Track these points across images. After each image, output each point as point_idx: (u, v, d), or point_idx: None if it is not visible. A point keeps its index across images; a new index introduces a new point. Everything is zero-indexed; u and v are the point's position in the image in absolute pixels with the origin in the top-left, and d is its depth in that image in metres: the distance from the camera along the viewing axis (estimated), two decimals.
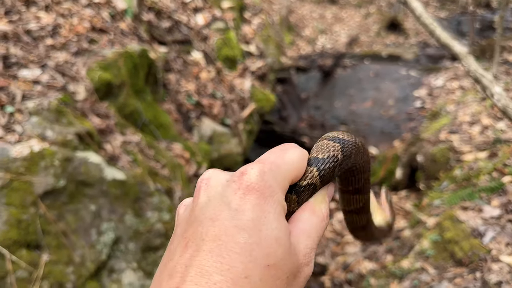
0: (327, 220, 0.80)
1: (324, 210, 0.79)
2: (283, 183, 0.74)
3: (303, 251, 0.71)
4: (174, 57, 6.15)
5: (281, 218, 0.68)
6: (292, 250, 0.68)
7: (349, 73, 11.74)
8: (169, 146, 4.85)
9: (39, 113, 3.40)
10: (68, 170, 3.22)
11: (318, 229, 0.76)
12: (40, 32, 4.38)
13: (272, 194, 0.69)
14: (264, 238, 0.64)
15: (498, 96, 2.24)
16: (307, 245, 0.73)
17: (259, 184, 0.68)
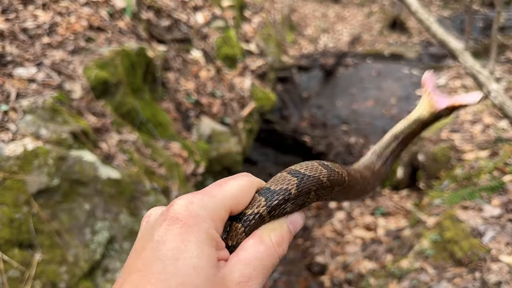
0: (279, 248, 0.79)
1: (274, 238, 0.80)
2: (215, 212, 0.75)
3: (237, 279, 0.71)
4: (174, 55, 6.13)
5: (204, 246, 0.69)
6: (218, 279, 0.68)
7: (351, 72, 11.68)
8: (167, 145, 4.83)
9: (33, 112, 3.38)
10: (62, 169, 3.19)
11: (263, 257, 0.76)
12: (37, 30, 4.36)
13: (197, 223, 0.70)
14: (181, 267, 0.64)
15: (495, 93, 2.20)
16: (244, 273, 0.72)
17: (183, 214, 0.69)
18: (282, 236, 0.82)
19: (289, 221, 0.86)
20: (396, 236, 5.59)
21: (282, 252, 0.81)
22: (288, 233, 0.85)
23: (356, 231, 6.15)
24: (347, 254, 5.71)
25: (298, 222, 0.88)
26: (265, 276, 0.77)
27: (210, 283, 0.67)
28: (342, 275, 5.37)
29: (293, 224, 0.87)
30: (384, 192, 7.20)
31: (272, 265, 0.79)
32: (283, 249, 0.82)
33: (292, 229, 0.86)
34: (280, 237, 0.82)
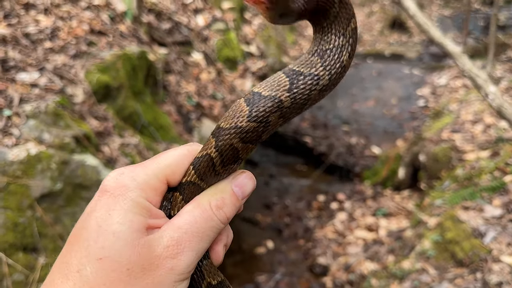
0: (218, 211, 0.81)
1: (213, 201, 0.82)
2: (146, 181, 0.78)
3: (166, 243, 0.73)
4: (174, 58, 6.16)
5: (128, 214, 0.73)
6: (142, 243, 0.71)
7: (351, 72, 11.69)
8: (168, 147, 4.85)
9: (36, 116, 3.41)
10: (65, 173, 3.22)
11: (198, 220, 0.78)
12: (39, 35, 4.40)
13: (123, 192, 0.74)
14: (102, 233, 0.69)
15: (493, 96, 2.22)
16: (173, 237, 0.75)
17: (111, 185, 0.74)
18: (223, 199, 0.83)
19: (234, 184, 0.87)
20: (397, 237, 5.61)
21: (223, 215, 0.82)
22: (231, 196, 0.85)
23: (358, 232, 6.17)
24: (349, 255, 5.73)
25: (245, 184, 0.87)
26: (202, 239, 0.78)
27: (131, 247, 0.70)
28: (344, 276, 5.39)
29: (239, 187, 0.87)
30: (385, 192, 7.22)
31: (210, 228, 0.80)
32: (225, 212, 0.82)
33: (239, 191, 0.86)
34: (220, 200, 0.83)
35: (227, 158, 0.85)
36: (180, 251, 0.75)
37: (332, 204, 7.13)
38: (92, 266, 0.67)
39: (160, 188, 0.82)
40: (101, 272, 0.68)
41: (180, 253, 0.75)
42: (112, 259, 0.69)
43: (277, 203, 7.32)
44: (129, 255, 0.70)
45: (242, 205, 0.90)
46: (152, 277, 0.72)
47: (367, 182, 7.74)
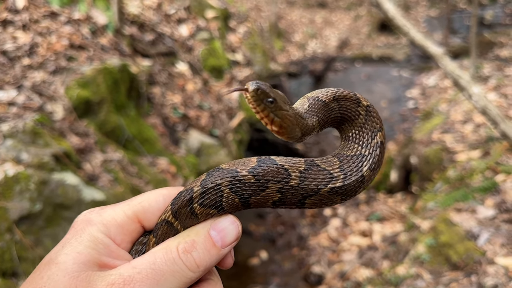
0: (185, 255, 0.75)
1: (182, 245, 0.77)
2: (112, 217, 0.79)
3: (111, 280, 0.71)
4: (159, 69, 6.08)
5: (79, 246, 0.74)
6: (82, 276, 0.70)
7: (340, 76, 11.69)
8: (154, 161, 4.76)
9: (14, 136, 3.32)
10: (44, 193, 3.12)
11: (158, 262, 0.74)
12: (17, 52, 4.31)
13: (84, 227, 0.77)
14: (47, 264, 0.72)
15: (477, 97, 2.16)
16: (122, 275, 0.72)
17: (78, 221, 0.78)
18: (193, 242, 0.77)
19: (212, 227, 0.80)
20: (392, 242, 5.53)
21: (191, 260, 0.76)
22: (205, 241, 0.78)
23: (352, 238, 6.08)
24: (343, 262, 5.65)
25: (225, 228, 0.80)
26: (158, 283, 0.72)
27: (69, 278, 0.70)
28: (339, 284, 5.30)
29: (218, 232, 0.80)
30: (378, 196, 7.15)
31: (171, 272, 0.74)
32: (194, 257, 0.76)
33: (216, 236, 0.79)
34: (189, 244, 0.77)
35: (208, 201, 0.81)
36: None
37: (326, 210, 7.05)
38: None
39: (128, 226, 0.80)
40: None
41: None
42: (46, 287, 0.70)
43: (270, 212, 7.24)
44: (65, 286, 0.69)
45: (231, 259, 0.83)
46: None
47: None
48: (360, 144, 0.92)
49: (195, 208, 0.81)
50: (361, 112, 0.93)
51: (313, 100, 0.94)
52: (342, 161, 0.89)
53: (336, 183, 0.85)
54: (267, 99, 0.84)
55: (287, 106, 0.88)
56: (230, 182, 0.82)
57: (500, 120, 2.93)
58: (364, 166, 0.88)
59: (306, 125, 0.90)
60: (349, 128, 0.94)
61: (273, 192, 0.83)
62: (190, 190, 0.81)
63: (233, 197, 0.82)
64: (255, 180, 0.82)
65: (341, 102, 0.94)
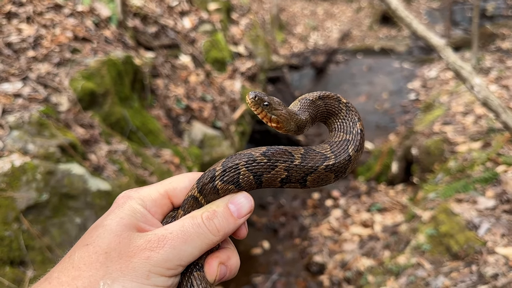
0: (208, 221, 0.92)
1: (205, 214, 0.93)
2: (147, 193, 0.96)
3: (148, 237, 0.87)
4: (162, 62, 6.11)
5: (121, 213, 0.90)
6: (124, 234, 0.87)
7: (342, 68, 11.69)
8: (158, 152, 4.80)
9: (20, 127, 3.36)
10: (50, 183, 3.17)
11: (186, 226, 0.91)
12: (21, 44, 4.34)
13: (125, 201, 0.93)
14: (94, 227, 0.88)
15: (478, 88, 2.19)
16: (157, 234, 0.88)
17: (120, 197, 0.95)
18: (214, 211, 0.94)
19: (230, 201, 0.98)
20: (393, 232, 5.58)
21: (213, 226, 0.92)
22: (224, 211, 0.95)
23: (353, 229, 6.14)
24: (345, 252, 5.70)
25: (241, 202, 0.98)
26: (185, 241, 0.89)
27: (114, 236, 0.85)
28: (340, 274, 5.36)
29: (235, 204, 0.97)
30: (379, 187, 7.20)
31: (196, 234, 0.90)
32: (215, 223, 0.93)
33: (233, 208, 0.97)
34: (211, 213, 0.94)
35: (228, 177, 0.99)
36: (160, 246, 0.86)
37: (327, 201, 7.10)
38: (79, 251, 0.85)
39: (160, 200, 0.97)
40: (84, 255, 0.84)
41: (159, 247, 0.86)
42: (95, 245, 0.84)
43: (272, 202, 7.29)
44: (110, 242, 0.85)
45: (245, 230, 1.01)
46: (127, 262, 0.84)
47: (361, 178, 7.73)
48: (344, 132, 1.12)
49: (217, 184, 0.98)
50: (342, 107, 1.15)
51: (303, 100, 1.16)
52: (332, 146, 1.09)
53: (330, 161, 1.05)
54: (263, 103, 1.07)
55: (282, 107, 1.09)
56: (246, 162, 1.00)
57: (501, 110, 2.96)
58: (349, 148, 1.09)
59: (299, 119, 1.11)
60: (335, 121, 1.16)
61: (281, 171, 1.02)
62: (213, 170, 0.99)
63: (248, 175, 1.00)
64: (266, 160, 1.00)
65: (325, 100, 1.16)
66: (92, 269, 0.83)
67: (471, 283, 3.65)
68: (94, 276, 0.82)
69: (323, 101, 1.16)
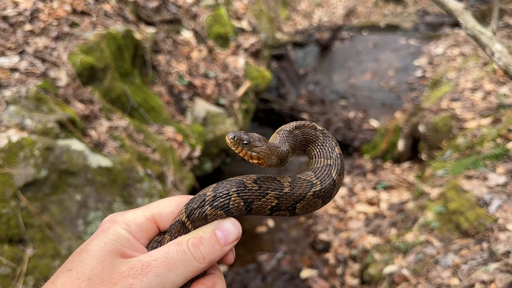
0: (194, 248, 0.90)
1: (191, 240, 0.92)
2: (132, 218, 0.96)
3: (132, 264, 0.86)
4: (163, 37, 5.95)
5: (105, 239, 0.90)
6: (108, 260, 0.85)
7: (347, 45, 11.46)
8: (160, 129, 4.69)
9: (16, 102, 3.25)
10: (49, 159, 3.07)
11: (171, 252, 0.89)
12: (18, 18, 4.19)
13: (110, 225, 0.94)
14: (78, 253, 0.87)
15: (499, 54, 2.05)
16: (141, 260, 0.87)
17: (105, 221, 0.95)
18: (201, 238, 0.93)
19: (217, 227, 0.96)
20: (399, 210, 5.50)
21: (198, 253, 0.91)
22: (211, 237, 0.94)
23: (359, 207, 6.05)
24: (350, 230, 5.63)
25: (228, 229, 0.96)
26: (170, 269, 0.86)
27: (97, 262, 0.84)
28: (346, 252, 5.29)
29: (222, 231, 0.95)
30: (385, 165, 7.08)
31: (181, 262, 0.88)
32: (201, 251, 0.91)
33: (220, 235, 0.94)
34: (198, 240, 0.92)
35: (218, 203, 0.99)
36: (143, 273, 0.84)
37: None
38: (62, 276, 0.84)
39: (145, 224, 0.97)
40: (66, 280, 0.83)
41: (142, 274, 0.84)
42: (78, 270, 0.84)
43: None
44: (92, 268, 0.84)
45: (232, 256, 0.99)
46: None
47: (367, 155, 7.61)
48: (324, 157, 1.16)
49: (206, 210, 0.98)
50: (319, 134, 1.19)
51: (281, 132, 1.19)
52: (315, 172, 1.12)
53: (316, 187, 1.08)
54: (242, 142, 1.10)
55: (262, 143, 1.12)
56: (238, 188, 1.01)
57: None
58: (332, 172, 1.12)
59: (280, 152, 1.14)
60: (313, 148, 1.19)
61: (272, 198, 1.04)
62: (203, 195, 0.99)
63: (239, 201, 1.01)
64: (257, 187, 1.02)
65: (302, 129, 1.20)
66: None
67: (482, 261, 3.56)
68: None
69: (300, 130, 1.19)
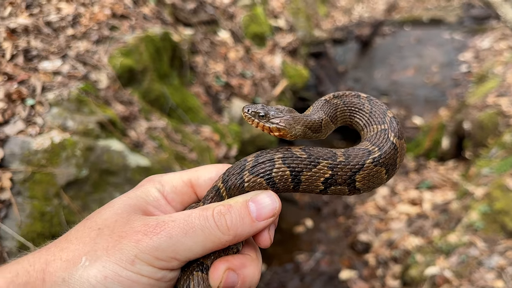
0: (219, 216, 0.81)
1: (217, 207, 0.83)
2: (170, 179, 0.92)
3: (147, 221, 0.80)
4: (201, 38, 6.03)
5: (131, 194, 0.88)
6: (124, 215, 0.82)
7: (388, 41, 11.21)
8: (197, 129, 4.76)
9: (59, 104, 3.38)
10: (90, 159, 3.18)
11: (192, 216, 0.81)
12: (61, 23, 4.36)
13: (143, 184, 0.91)
14: (104, 206, 0.86)
15: None
16: (158, 219, 0.81)
17: (143, 180, 0.94)
18: (229, 207, 0.83)
19: (251, 198, 0.85)
20: (443, 210, 5.32)
21: (223, 222, 0.81)
22: (241, 208, 0.83)
23: (401, 207, 5.91)
24: (391, 231, 5.50)
25: (263, 202, 0.84)
26: (186, 233, 0.78)
27: (112, 214, 0.82)
28: (387, 253, 5.18)
29: (256, 204, 0.84)
30: (429, 164, 6.88)
31: (201, 228, 0.80)
32: (226, 220, 0.81)
33: (253, 208, 0.84)
34: (226, 208, 0.83)
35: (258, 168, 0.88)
36: (156, 232, 0.78)
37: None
38: (77, 225, 0.85)
39: (181, 188, 0.93)
40: (79, 228, 0.83)
41: (154, 232, 0.78)
42: (93, 220, 0.83)
43: None
44: (106, 219, 0.82)
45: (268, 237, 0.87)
46: (116, 242, 0.78)
47: (409, 154, 7.42)
48: (377, 123, 1.03)
49: (244, 176, 0.87)
50: (364, 101, 1.06)
51: (316, 102, 1.09)
52: (370, 140, 0.99)
53: (375, 154, 0.94)
54: (258, 114, 1.00)
55: (284, 113, 1.01)
56: (284, 155, 0.88)
57: None
58: (390, 135, 0.98)
59: (309, 120, 1.02)
60: (361, 117, 1.06)
61: (324, 168, 0.90)
62: (244, 160, 0.89)
63: (284, 169, 0.88)
64: (306, 156, 0.88)
65: (343, 98, 1.08)
66: (80, 243, 0.79)
67: None
68: (79, 251, 0.78)
69: (340, 99, 1.08)
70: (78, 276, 0.76)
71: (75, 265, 0.77)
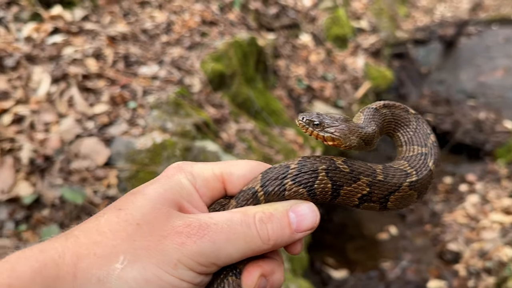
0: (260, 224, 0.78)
1: (258, 214, 0.79)
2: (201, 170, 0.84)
3: (189, 222, 0.75)
4: (283, 42, 6.09)
5: (166, 186, 0.79)
6: (163, 210, 0.75)
7: (474, 41, 10.64)
8: (281, 132, 4.80)
9: (158, 107, 3.56)
10: (188, 159, 3.31)
11: (234, 221, 0.77)
12: (155, 30, 4.60)
13: (175, 173, 0.83)
14: (134, 193, 0.77)
15: None
16: (200, 220, 0.75)
17: (169, 168, 0.84)
18: (271, 215, 0.80)
19: (292, 208, 0.83)
20: None
21: (264, 231, 0.78)
22: (282, 218, 0.81)
23: (493, 216, 5.56)
24: (484, 241, 5.20)
25: (305, 214, 0.82)
26: (229, 239, 0.75)
27: (150, 208, 0.74)
28: (479, 264, 4.89)
29: (297, 214, 0.82)
30: None
31: (243, 234, 0.76)
32: (268, 229, 0.78)
33: (294, 219, 0.81)
34: (267, 216, 0.80)
35: (302, 179, 0.87)
36: (199, 234, 0.74)
37: (461, 186, 6.53)
38: (109, 214, 0.75)
39: (212, 182, 0.85)
40: (113, 219, 0.74)
41: (198, 235, 0.73)
42: (128, 212, 0.74)
43: None
44: (145, 213, 0.74)
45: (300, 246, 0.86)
46: (157, 242, 0.73)
47: (501, 160, 6.97)
48: (418, 145, 1.02)
49: (286, 184, 0.85)
50: (412, 118, 1.05)
51: (367, 110, 1.05)
52: (409, 161, 0.98)
53: (412, 177, 0.94)
54: (313, 123, 0.97)
55: (339, 122, 0.98)
56: (327, 167, 0.87)
57: None
58: (429, 162, 0.98)
59: (365, 133, 1.00)
60: (404, 133, 1.05)
61: (363, 185, 0.90)
62: (286, 166, 0.86)
63: (326, 182, 0.87)
64: (349, 171, 0.88)
65: (392, 109, 1.06)
66: (117, 238, 0.73)
67: None
68: (117, 247, 0.72)
69: (390, 110, 1.06)
70: (116, 277, 0.71)
71: (111, 263, 0.71)
